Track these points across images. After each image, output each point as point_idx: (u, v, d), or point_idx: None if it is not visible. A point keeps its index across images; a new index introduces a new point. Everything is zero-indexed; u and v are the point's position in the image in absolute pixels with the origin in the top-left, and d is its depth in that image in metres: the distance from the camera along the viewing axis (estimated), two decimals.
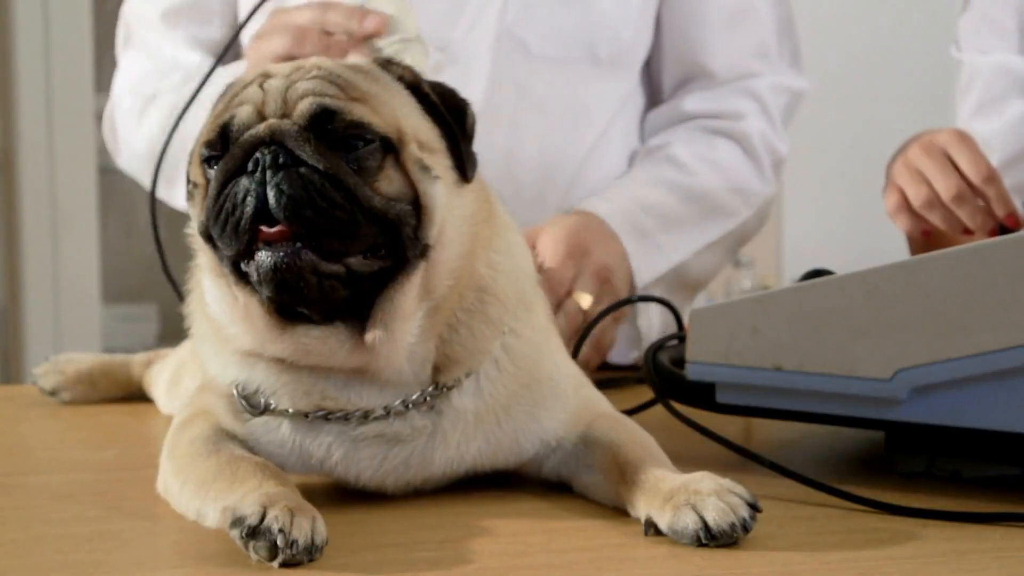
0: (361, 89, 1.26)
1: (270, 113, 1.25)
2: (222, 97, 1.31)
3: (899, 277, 1.28)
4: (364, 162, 1.23)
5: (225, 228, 1.22)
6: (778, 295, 1.35)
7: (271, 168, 1.21)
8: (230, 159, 1.23)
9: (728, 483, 1.18)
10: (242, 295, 1.26)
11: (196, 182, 1.29)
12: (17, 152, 4.56)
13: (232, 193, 1.22)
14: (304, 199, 1.20)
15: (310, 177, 1.21)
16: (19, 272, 4.61)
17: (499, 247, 1.33)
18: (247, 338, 1.27)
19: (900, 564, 1.11)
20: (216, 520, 1.19)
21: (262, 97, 1.26)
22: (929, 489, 1.33)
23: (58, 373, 1.87)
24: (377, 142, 1.23)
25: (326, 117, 1.23)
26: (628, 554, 1.15)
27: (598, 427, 1.33)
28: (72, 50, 4.57)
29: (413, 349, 1.27)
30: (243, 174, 1.22)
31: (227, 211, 1.22)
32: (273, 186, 1.20)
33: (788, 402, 1.35)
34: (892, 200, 2.15)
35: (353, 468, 1.29)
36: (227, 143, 1.25)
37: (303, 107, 1.24)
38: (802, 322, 1.33)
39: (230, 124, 1.25)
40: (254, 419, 1.29)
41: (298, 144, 1.22)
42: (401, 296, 1.24)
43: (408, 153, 1.25)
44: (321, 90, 1.25)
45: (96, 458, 1.59)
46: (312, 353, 1.25)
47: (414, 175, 1.25)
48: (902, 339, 1.28)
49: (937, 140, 2.09)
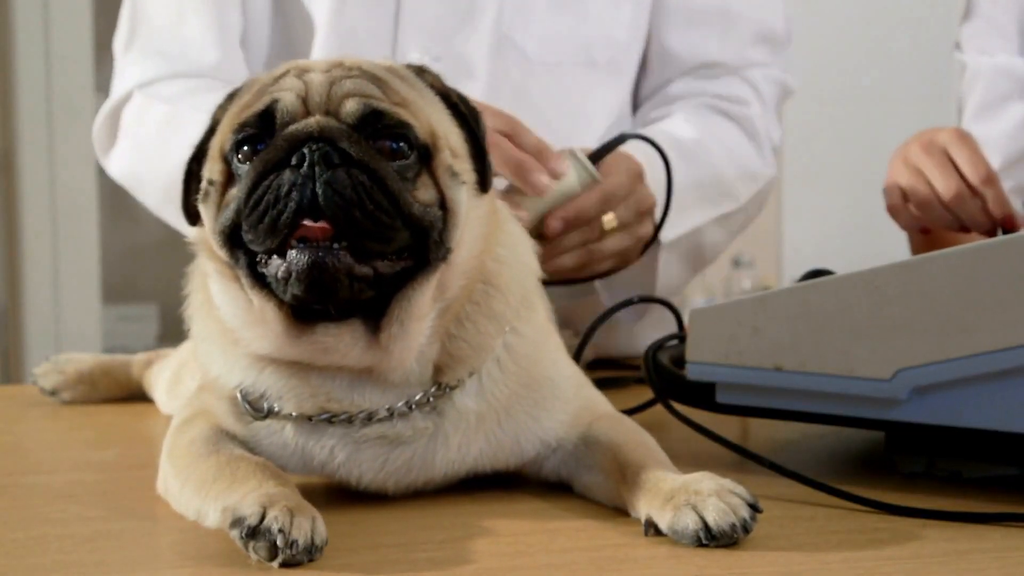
0: (400, 93, 1.26)
1: (314, 107, 1.23)
2: (242, 91, 1.30)
3: (899, 277, 1.28)
4: (405, 167, 1.23)
5: (263, 220, 1.20)
6: (778, 295, 1.35)
7: (319, 165, 1.19)
8: (273, 150, 1.22)
9: (729, 483, 1.18)
10: (257, 298, 1.24)
11: (213, 179, 1.27)
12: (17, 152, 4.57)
13: (274, 185, 1.20)
14: (353, 199, 1.19)
15: (359, 178, 1.20)
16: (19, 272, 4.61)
17: (502, 240, 1.33)
18: (263, 342, 1.26)
19: (900, 564, 1.11)
20: (216, 520, 1.19)
21: (304, 88, 1.24)
22: (929, 489, 1.33)
23: (58, 373, 1.87)
24: (415, 150, 1.24)
25: (374, 119, 1.23)
26: (628, 554, 1.15)
27: (598, 427, 1.33)
28: (72, 50, 4.57)
29: (422, 349, 1.27)
30: (286, 167, 1.20)
31: (268, 203, 1.20)
32: (323, 183, 1.19)
33: (788, 402, 1.35)
34: (892, 198, 2.16)
35: (355, 470, 1.29)
36: (267, 127, 1.23)
37: (352, 107, 1.23)
38: (802, 322, 1.33)
39: (273, 108, 1.23)
40: (256, 422, 1.29)
41: (349, 144, 1.21)
42: (419, 296, 1.24)
43: (441, 159, 1.25)
44: (367, 91, 1.24)
45: (96, 458, 1.59)
46: (330, 352, 1.25)
47: (444, 181, 1.25)
48: (902, 339, 1.28)
49: (938, 139, 2.10)
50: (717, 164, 2.11)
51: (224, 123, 1.28)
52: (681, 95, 2.19)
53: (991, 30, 2.36)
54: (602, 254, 1.88)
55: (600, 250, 1.87)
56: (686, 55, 2.19)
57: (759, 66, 2.22)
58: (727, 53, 2.19)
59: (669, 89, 2.20)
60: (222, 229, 1.24)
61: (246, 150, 1.24)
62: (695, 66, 2.19)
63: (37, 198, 4.55)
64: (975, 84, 2.38)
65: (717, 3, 2.19)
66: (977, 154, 2.07)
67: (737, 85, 2.20)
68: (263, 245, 1.21)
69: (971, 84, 2.39)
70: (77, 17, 4.57)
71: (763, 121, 2.20)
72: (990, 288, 1.24)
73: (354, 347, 1.24)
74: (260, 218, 1.20)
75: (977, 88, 2.38)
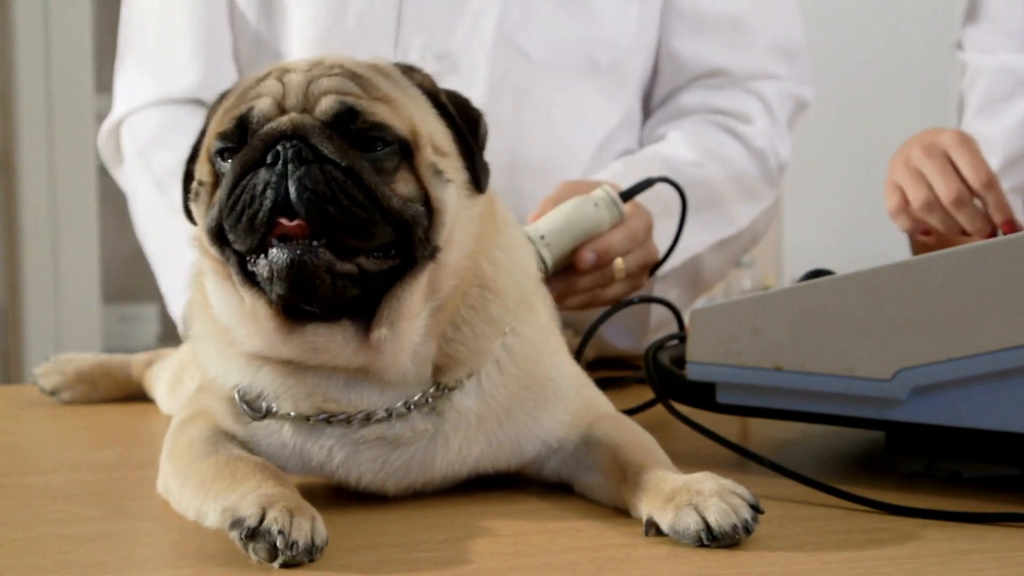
0: (382, 90, 1.26)
1: (290, 107, 1.24)
2: (230, 93, 1.31)
3: (899, 277, 1.28)
4: (383, 162, 1.23)
5: (240, 220, 1.21)
6: (778, 295, 1.35)
7: (293, 162, 1.20)
8: (249, 151, 1.23)
9: (730, 484, 1.18)
10: (248, 296, 1.25)
11: (203, 180, 1.28)
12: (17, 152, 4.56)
13: (250, 185, 1.21)
14: (327, 195, 1.20)
15: (332, 173, 1.20)
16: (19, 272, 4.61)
17: (501, 243, 1.33)
18: (255, 340, 1.27)
19: (900, 564, 1.11)
20: (216, 520, 1.19)
21: (282, 90, 1.25)
22: (929, 489, 1.32)
23: (58, 373, 1.87)
24: (395, 144, 1.24)
25: (349, 116, 1.23)
26: (629, 554, 1.15)
27: (599, 428, 1.33)
28: (72, 50, 4.57)
29: (416, 348, 1.27)
30: (262, 167, 1.21)
31: (244, 203, 1.21)
32: (295, 180, 1.20)
33: (788, 402, 1.35)
34: (893, 200, 2.15)
35: (354, 471, 1.29)
36: (244, 135, 1.24)
37: (327, 104, 1.23)
38: (802, 322, 1.33)
39: (248, 115, 1.25)
40: (255, 422, 1.29)
41: (321, 140, 1.21)
42: (408, 295, 1.24)
43: (423, 156, 1.25)
44: (344, 88, 1.25)
45: (96, 458, 1.59)
46: (320, 351, 1.25)
47: (427, 178, 1.25)
48: (902, 339, 1.28)
49: (939, 141, 2.10)
50: (716, 188, 2.10)
51: (211, 125, 1.29)
52: (688, 109, 2.17)
53: (998, 30, 2.36)
54: (604, 300, 1.87)
55: (603, 296, 1.86)
56: (694, 62, 2.17)
57: (772, 79, 2.19)
58: (736, 62, 2.18)
59: (679, 99, 2.19)
60: (208, 228, 1.25)
61: (226, 154, 1.25)
62: (703, 73, 2.17)
63: (37, 198, 4.55)
64: (977, 83, 2.38)
65: (729, 11, 2.16)
66: (978, 157, 2.07)
67: (744, 99, 2.18)
68: (244, 244, 1.22)
69: (972, 83, 2.39)
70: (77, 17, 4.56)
71: (769, 139, 2.17)
72: (990, 288, 1.24)
73: (345, 347, 1.24)
74: (239, 218, 1.22)
75: (979, 87, 2.37)
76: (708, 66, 2.17)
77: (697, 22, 2.16)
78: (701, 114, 2.16)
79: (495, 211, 1.34)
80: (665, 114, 2.20)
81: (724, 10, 2.16)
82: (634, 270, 1.88)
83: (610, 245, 1.81)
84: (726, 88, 2.18)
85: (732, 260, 2.20)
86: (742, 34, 2.17)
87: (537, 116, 2.07)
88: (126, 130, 2.14)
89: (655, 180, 1.86)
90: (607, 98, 2.13)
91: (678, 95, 2.19)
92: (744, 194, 2.15)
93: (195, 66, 2.09)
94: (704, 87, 2.18)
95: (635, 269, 1.89)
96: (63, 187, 4.57)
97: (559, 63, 2.07)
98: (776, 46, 2.20)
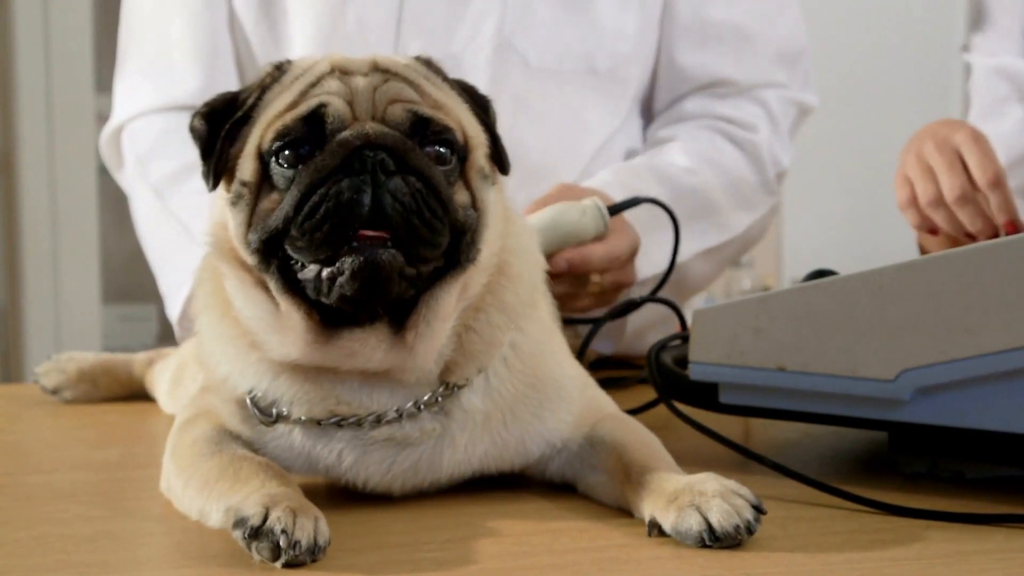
0: (432, 96, 1.27)
1: (362, 113, 1.23)
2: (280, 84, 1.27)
3: (903, 278, 1.28)
4: (449, 172, 1.24)
5: (319, 229, 1.19)
6: (781, 295, 1.35)
7: (380, 173, 1.19)
8: (328, 156, 1.21)
9: (733, 485, 1.18)
10: (286, 304, 1.24)
11: (245, 179, 1.25)
12: (17, 152, 4.56)
13: (332, 193, 1.19)
14: (413, 208, 1.20)
15: (416, 185, 1.21)
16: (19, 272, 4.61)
17: (511, 231, 1.34)
18: (288, 348, 1.25)
19: (903, 565, 1.11)
20: (219, 520, 1.19)
21: (348, 92, 1.24)
22: (932, 490, 1.32)
23: (60, 372, 1.87)
24: (456, 153, 1.25)
25: (422, 125, 1.24)
26: (632, 555, 1.15)
27: (603, 428, 1.33)
28: (72, 50, 4.57)
29: (442, 348, 1.27)
30: (341, 174, 1.20)
31: (327, 211, 1.19)
32: (387, 192, 1.19)
33: (791, 402, 1.35)
34: (903, 194, 2.15)
35: (362, 473, 1.28)
36: (311, 134, 1.22)
37: (399, 113, 1.23)
38: (805, 322, 1.33)
39: (322, 114, 1.23)
40: (263, 425, 1.29)
41: (406, 151, 1.21)
42: (446, 296, 1.25)
43: (474, 160, 1.26)
44: (407, 95, 1.25)
45: (98, 457, 1.59)
46: (355, 355, 1.24)
47: (475, 182, 1.26)
48: (906, 340, 1.28)
49: (952, 138, 2.09)
50: (710, 195, 2.10)
51: (261, 119, 1.26)
52: (691, 114, 2.17)
53: (1004, 37, 2.36)
54: (570, 309, 1.87)
55: (570, 306, 1.87)
56: (699, 73, 2.17)
57: (775, 87, 2.19)
58: (740, 72, 2.18)
59: (682, 105, 2.19)
60: (263, 237, 1.22)
61: (288, 154, 1.23)
62: (707, 83, 2.18)
63: (37, 198, 4.55)
64: (977, 85, 2.39)
65: (733, 22, 2.16)
66: (988, 156, 2.07)
67: (748, 107, 2.18)
68: (320, 252, 1.20)
69: (975, 85, 2.39)
70: (77, 17, 4.56)
71: (770, 147, 2.17)
72: (994, 289, 1.24)
73: (378, 349, 1.24)
74: (317, 226, 1.19)
75: (981, 89, 2.38)
76: (712, 76, 2.17)
77: (700, 33, 2.16)
78: (704, 119, 2.16)
79: (504, 199, 1.34)
80: (668, 119, 2.20)
81: (727, 20, 2.16)
82: (607, 289, 1.89)
83: (588, 258, 1.81)
84: (729, 97, 2.18)
85: (721, 266, 2.20)
86: (746, 44, 2.17)
87: (535, 121, 2.07)
88: (127, 136, 2.14)
89: (642, 200, 1.87)
90: (605, 104, 2.13)
91: (681, 102, 2.20)
92: (739, 201, 2.15)
93: (195, 73, 2.09)
94: (708, 95, 2.18)
95: (608, 288, 1.89)
96: (63, 187, 4.57)
97: (558, 68, 2.08)
98: (779, 53, 2.20)
